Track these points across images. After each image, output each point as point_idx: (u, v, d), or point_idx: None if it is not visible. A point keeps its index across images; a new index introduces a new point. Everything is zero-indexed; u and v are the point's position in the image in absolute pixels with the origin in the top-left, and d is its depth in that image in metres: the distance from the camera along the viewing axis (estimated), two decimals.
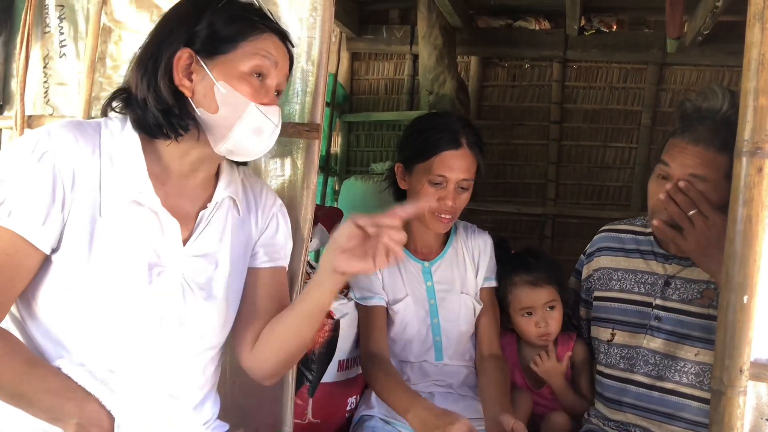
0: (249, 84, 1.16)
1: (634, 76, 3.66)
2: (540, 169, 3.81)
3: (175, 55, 1.14)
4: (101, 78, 1.66)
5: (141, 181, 1.15)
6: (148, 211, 1.16)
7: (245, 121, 1.16)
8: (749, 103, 1.09)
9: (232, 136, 1.16)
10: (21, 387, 1.03)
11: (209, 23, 1.15)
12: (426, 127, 1.83)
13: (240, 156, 1.23)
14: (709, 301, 1.59)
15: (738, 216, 1.10)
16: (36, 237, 1.06)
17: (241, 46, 1.16)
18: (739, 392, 1.10)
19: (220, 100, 1.14)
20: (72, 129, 1.12)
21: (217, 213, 1.26)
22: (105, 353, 1.12)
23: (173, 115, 1.15)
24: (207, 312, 1.23)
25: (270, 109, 1.19)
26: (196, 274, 1.21)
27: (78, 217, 1.10)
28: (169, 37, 1.15)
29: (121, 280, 1.12)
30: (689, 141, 1.52)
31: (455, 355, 1.86)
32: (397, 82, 3.97)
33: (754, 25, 1.10)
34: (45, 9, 1.72)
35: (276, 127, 1.21)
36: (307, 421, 1.75)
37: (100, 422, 1.04)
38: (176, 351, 1.20)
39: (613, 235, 1.84)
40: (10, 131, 1.71)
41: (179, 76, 1.14)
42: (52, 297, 1.10)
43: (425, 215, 1.80)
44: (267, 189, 1.39)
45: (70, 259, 1.09)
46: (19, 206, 1.05)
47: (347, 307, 1.82)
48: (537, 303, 1.89)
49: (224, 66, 1.15)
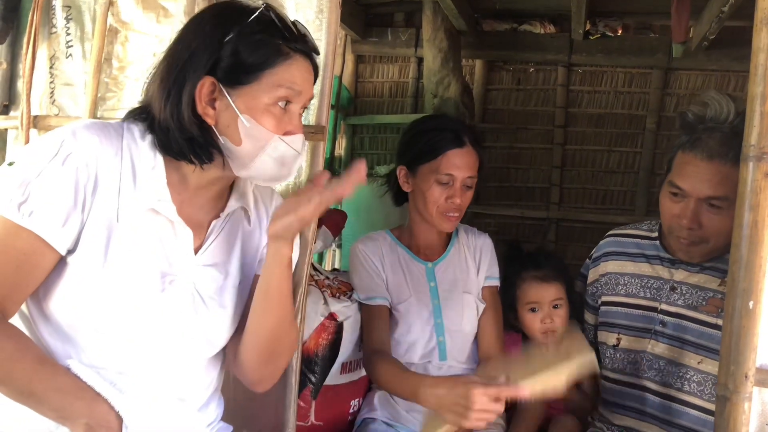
0: (272, 115, 1.14)
1: (639, 81, 3.65)
2: (544, 173, 3.80)
3: (198, 83, 1.11)
4: (107, 79, 1.66)
5: (160, 189, 1.14)
6: (164, 220, 1.16)
7: (268, 152, 1.14)
8: (756, 108, 1.09)
9: (255, 165, 1.15)
10: (32, 385, 1.02)
11: (233, 51, 1.11)
12: (428, 129, 1.85)
13: (262, 182, 1.23)
14: (716, 310, 1.57)
15: (744, 221, 1.09)
16: (54, 238, 1.06)
17: (265, 75, 1.12)
18: (744, 398, 1.10)
19: (243, 132, 1.12)
20: (96, 131, 1.11)
21: (229, 223, 1.27)
22: (114, 356, 1.13)
23: (197, 144, 1.13)
24: (216, 320, 1.24)
25: (293, 138, 1.17)
26: (206, 283, 1.22)
27: (96, 220, 1.10)
28: (192, 62, 1.11)
29: (134, 287, 1.12)
30: (702, 157, 1.48)
31: (459, 355, 1.86)
32: (402, 85, 3.97)
33: (761, 30, 1.09)
34: (52, 10, 1.73)
35: (299, 154, 1.19)
36: (310, 424, 1.75)
37: (108, 423, 1.05)
38: (184, 356, 1.21)
39: (620, 239, 1.83)
40: (16, 131, 1.72)
41: (202, 105, 1.12)
42: (65, 298, 1.10)
43: (433, 215, 1.81)
44: (276, 197, 1.39)
45: (85, 262, 1.09)
46: (41, 207, 1.04)
47: (350, 309, 1.82)
48: (544, 299, 1.91)
49: (248, 97, 1.12)
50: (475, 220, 3.53)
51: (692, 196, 1.50)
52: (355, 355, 1.86)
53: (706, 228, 1.52)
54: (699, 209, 1.51)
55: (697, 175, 1.49)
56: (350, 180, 1.15)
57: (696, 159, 1.50)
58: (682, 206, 1.54)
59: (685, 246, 1.58)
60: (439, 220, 1.82)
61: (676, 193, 1.54)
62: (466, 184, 1.81)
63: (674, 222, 1.55)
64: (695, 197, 1.50)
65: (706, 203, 1.50)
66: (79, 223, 1.08)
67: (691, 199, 1.51)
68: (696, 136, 1.52)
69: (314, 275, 1.85)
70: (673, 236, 1.60)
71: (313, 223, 1.47)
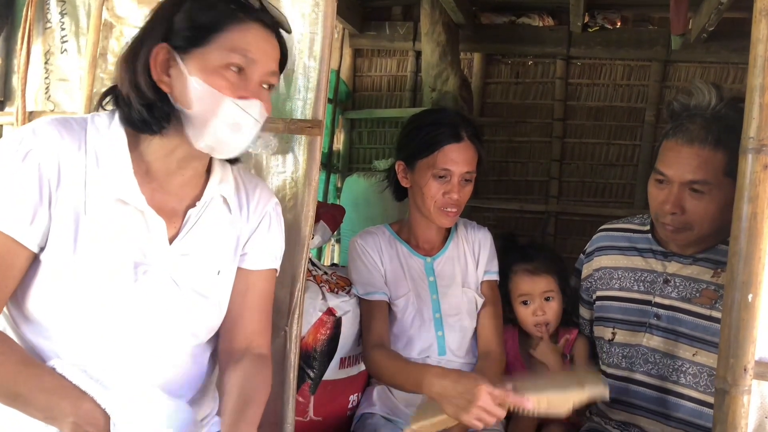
0: (223, 78, 1.12)
1: (638, 73, 3.64)
2: (543, 166, 3.80)
3: (152, 51, 1.11)
4: (102, 74, 1.65)
5: (126, 179, 1.14)
6: (134, 210, 1.15)
7: (221, 117, 1.12)
8: (755, 100, 1.08)
9: (209, 131, 1.13)
10: (17, 387, 1.03)
11: (186, 15, 1.12)
12: (426, 123, 1.83)
13: (220, 152, 1.19)
14: (710, 302, 1.58)
15: (743, 213, 1.09)
16: (24, 236, 1.06)
17: (216, 38, 1.12)
18: (743, 391, 1.09)
19: (194, 95, 1.11)
20: (57, 126, 1.11)
21: (207, 211, 1.25)
22: (95, 351, 1.12)
23: (156, 109, 1.13)
24: (197, 310, 1.23)
25: (249, 102, 1.14)
26: (183, 273, 1.20)
27: (63, 214, 1.09)
28: (151, 32, 1.14)
29: (106, 278, 1.12)
30: (683, 142, 1.52)
31: (458, 350, 1.85)
32: (400, 79, 3.95)
33: (760, 21, 1.09)
34: (46, 5, 1.72)
35: (256, 121, 1.16)
36: (309, 419, 1.75)
37: (95, 420, 1.04)
38: (167, 348, 1.20)
39: (612, 234, 1.84)
40: (12, 127, 1.71)
41: (157, 72, 1.12)
42: (42, 296, 1.10)
43: (431, 210, 1.80)
44: (262, 188, 1.36)
45: (55, 257, 1.09)
46: (7, 206, 1.04)
47: (349, 304, 1.82)
48: (535, 291, 1.92)
49: (198, 60, 1.11)
50: (474, 214, 3.52)
51: (675, 181, 1.53)
52: (353, 350, 1.86)
53: (690, 213, 1.54)
54: (682, 194, 1.53)
55: (678, 159, 1.53)
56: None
57: (677, 144, 1.53)
58: (666, 192, 1.56)
59: (670, 233, 1.59)
60: (437, 215, 1.81)
61: (661, 180, 1.57)
62: (464, 179, 1.80)
63: (659, 209, 1.58)
64: (678, 182, 1.53)
65: (689, 188, 1.53)
66: (46, 218, 1.08)
67: (674, 185, 1.54)
68: (679, 122, 1.56)
69: (312, 270, 1.84)
70: (659, 223, 1.62)
71: (310, 218, 1.47)
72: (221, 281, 1.27)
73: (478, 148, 1.82)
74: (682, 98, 1.58)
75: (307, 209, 1.48)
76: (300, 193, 1.48)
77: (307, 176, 1.48)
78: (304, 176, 1.49)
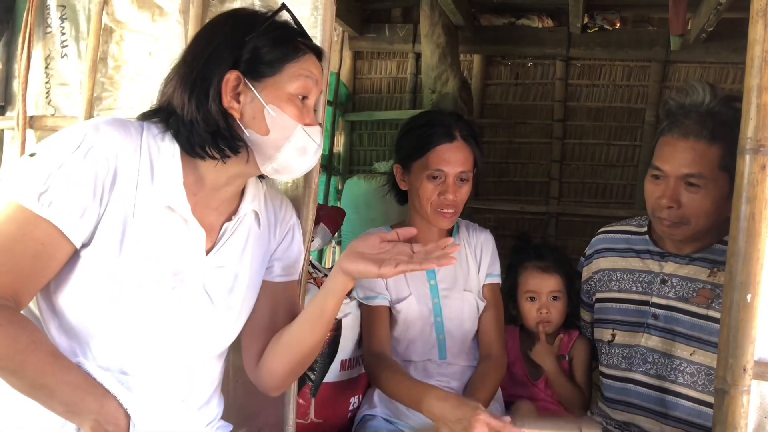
0: (295, 106, 1.17)
1: (638, 74, 3.64)
2: (543, 167, 3.80)
3: (224, 77, 1.14)
4: (103, 78, 1.66)
5: (176, 187, 1.16)
6: (179, 218, 1.17)
7: (293, 143, 1.17)
8: (752, 101, 1.09)
9: (280, 157, 1.18)
10: (44, 378, 1.02)
11: (254, 48, 1.15)
12: (418, 125, 1.83)
13: (284, 175, 1.26)
14: (706, 302, 1.59)
15: (741, 213, 1.09)
16: (71, 230, 1.06)
17: (286, 68, 1.17)
18: (742, 391, 1.10)
19: (270, 122, 1.15)
20: (118, 127, 1.13)
21: (240, 226, 1.28)
22: (121, 354, 1.13)
23: (222, 137, 1.15)
24: (222, 321, 1.25)
25: (313, 129, 1.20)
26: (216, 284, 1.23)
27: (113, 215, 1.10)
28: (216, 58, 1.15)
29: (146, 283, 1.13)
30: (678, 136, 1.54)
31: (459, 353, 1.85)
32: (400, 81, 3.97)
33: (757, 22, 1.09)
34: (46, 9, 1.72)
35: (318, 146, 1.23)
36: (310, 421, 1.75)
37: (117, 420, 1.05)
38: (189, 355, 1.22)
39: (610, 236, 1.85)
40: (12, 132, 1.72)
41: (228, 98, 1.14)
42: (76, 292, 1.10)
43: (428, 212, 1.79)
44: (286, 203, 1.41)
45: (99, 256, 1.09)
46: (60, 198, 1.05)
47: (349, 306, 1.82)
48: (543, 289, 1.95)
49: (272, 88, 1.16)
50: (475, 216, 3.53)
51: (671, 175, 1.55)
52: (354, 352, 1.86)
53: (686, 207, 1.55)
54: (678, 188, 1.55)
55: (674, 153, 1.54)
56: (435, 260, 1.15)
57: (673, 139, 1.55)
58: (662, 187, 1.57)
59: (667, 228, 1.60)
60: (434, 216, 1.79)
61: (657, 175, 1.59)
62: (459, 179, 1.78)
63: (656, 204, 1.59)
64: (674, 176, 1.54)
65: (684, 182, 1.54)
66: (96, 216, 1.09)
67: (670, 179, 1.55)
68: (674, 119, 1.58)
69: (313, 273, 1.85)
70: (656, 219, 1.62)
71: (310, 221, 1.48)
72: (248, 294, 1.30)
73: (472, 148, 1.80)
74: (677, 97, 1.61)
75: (308, 211, 1.48)
76: (300, 195, 1.49)
77: (307, 179, 1.49)
78: (305, 178, 1.49)
